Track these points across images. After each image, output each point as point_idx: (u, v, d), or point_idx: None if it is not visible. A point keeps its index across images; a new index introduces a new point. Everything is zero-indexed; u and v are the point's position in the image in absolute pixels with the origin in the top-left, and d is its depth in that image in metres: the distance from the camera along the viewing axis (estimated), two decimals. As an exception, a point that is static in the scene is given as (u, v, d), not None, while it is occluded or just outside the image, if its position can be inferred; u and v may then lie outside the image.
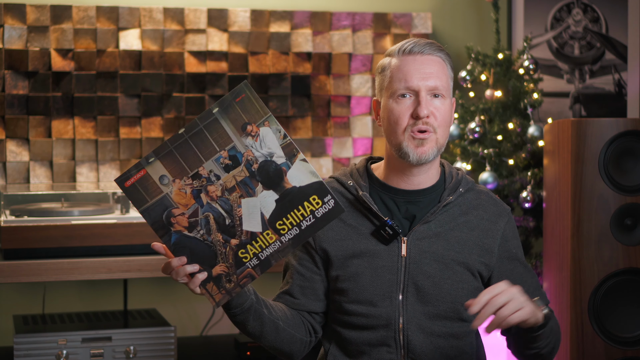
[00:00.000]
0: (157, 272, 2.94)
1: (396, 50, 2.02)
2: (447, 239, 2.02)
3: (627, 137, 2.85)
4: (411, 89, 1.97)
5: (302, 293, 2.06)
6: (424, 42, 2.01)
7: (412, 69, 1.98)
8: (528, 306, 1.83)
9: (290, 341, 2.02)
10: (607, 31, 3.73)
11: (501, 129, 3.46)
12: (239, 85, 1.79)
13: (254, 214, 1.81)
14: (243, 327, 1.97)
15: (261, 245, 1.81)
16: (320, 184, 1.81)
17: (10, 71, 3.38)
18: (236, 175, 1.80)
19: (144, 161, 1.77)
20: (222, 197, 1.80)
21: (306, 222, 1.82)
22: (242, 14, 3.59)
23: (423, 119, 1.96)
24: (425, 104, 1.96)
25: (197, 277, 1.80)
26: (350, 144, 3.71)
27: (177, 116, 3.54)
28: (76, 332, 2.96)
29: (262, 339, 2.00)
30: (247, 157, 1.80)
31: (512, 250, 2.08)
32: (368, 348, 2.02)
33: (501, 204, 2.11)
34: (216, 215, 1.80)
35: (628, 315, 2.86)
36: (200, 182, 1.79)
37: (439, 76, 1.99)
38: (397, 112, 1.98)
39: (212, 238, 1.80)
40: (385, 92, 2.02)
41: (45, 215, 2.94)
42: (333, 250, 2.03)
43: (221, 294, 1.82)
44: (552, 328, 2.00)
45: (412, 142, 1.97)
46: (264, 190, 1.81)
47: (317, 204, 1.82)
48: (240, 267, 1.81)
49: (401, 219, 2.03)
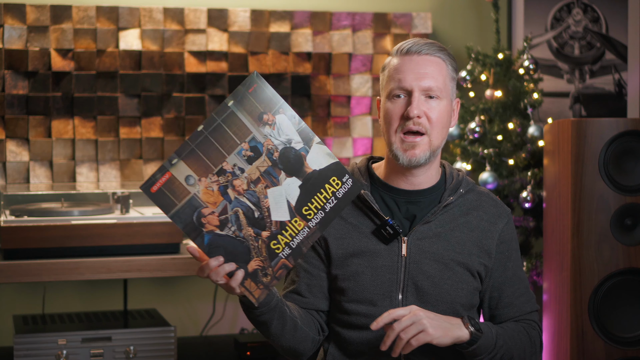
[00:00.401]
0: (157, 272, 2.94)
1: (395, 50, 2.02)
2: (447, 239, 2.02)
3: (627, 137, 2.85)
4: (405, 89, 1.97)
5: (310, 291, 2.06)
6: (423, 42, 2.00)
7: (407, 68, 1.97)
8: (433, 328, 1.85)
9: (305, 340, 2.02)
10: (607, 31, 3.73)
11: (501, 129, 3.46)
12: (250, 76, 1.78)
13: (280, 202, 1.79)
14: (266, 328, 1.94)
15: (291, 234, 1.80)
16: (338, 164, 1.82)
17: (10, 71, 3.38)
18: (259, 166, 1.78)
19: (167, 164, 1.73)
20: (248, 190, 1.77)
21: (329, 204, 1.82)
22: (242, 14, 3.59)
23: (413, 119, 1.95)
24: (416, 104, 1.95)
25: (236, 275, 1.77)
26: (350, 144, 3.71)
27: (177, 116, 3.54)
28: (76, 332, 2.96)
29: (281, 339, 1.97)
30: (267, 146, 1.79)
31: (506, 252, 2.07)
32: (367, 347, 2.02)
33: (501, 205, 2.11)
34: (245, 210, 1.77)
35: (628, 315, 2.86)
36: (226, 178, 1.76)
37: (434, 77, 1.97)
38: (390, 111, 1.99)
39: (243, 233, 1.77)
40: (383, 91, 2.02)
41: (45, 215, 2.94)
42: (334, 248, 2.03)
43: (260, 290, 1.79)
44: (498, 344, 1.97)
45: (401, 145, 1.98)
46: (287, 177, 1.80)
47: (337, 185, 1.83)
48: (274, 258, 1.80)
49: (402, 218, 2.03)
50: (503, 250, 2.07)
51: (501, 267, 2.07)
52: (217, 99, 3.56)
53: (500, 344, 1.97)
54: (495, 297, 2.07)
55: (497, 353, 1.97)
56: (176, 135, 3.53)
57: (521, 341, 2.04)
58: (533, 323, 2.09)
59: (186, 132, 3.54)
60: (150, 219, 2.98)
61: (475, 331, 1.92)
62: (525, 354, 2.04)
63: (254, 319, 1.93)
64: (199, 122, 3.55)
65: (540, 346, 2.10)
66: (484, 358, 1.96)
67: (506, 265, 2.07)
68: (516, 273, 2.09)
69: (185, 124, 3.54)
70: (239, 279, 1.77)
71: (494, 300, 2.08)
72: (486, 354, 1.95)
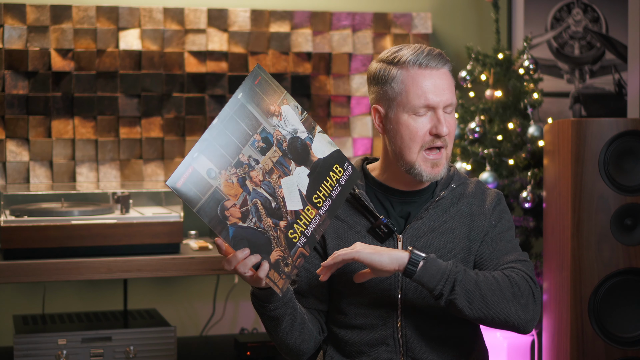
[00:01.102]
0: (157, 272, 2.94)
1: (408, 62, 1.96)
2: (441, 231, 2.02)
3: (627, 137, 2.85)
4: (430, 106, 1.95)
5: (311, 291, 2.06)
6: (434, 54, 1.97)
7: (429, 84, 1.95)
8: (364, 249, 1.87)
9: (310, 338, 2.02)
10: (607, 31, 3.73)
11: (501, 129, 3.46)
12: (254, 69, 1.80)
13: (293, 192, 1.81)
14: (278, 323, 1.93)
15: (305, 222, 1.82)
16: (338, 152, 1.86)
17: (10, 71, 3.38)
18: (271, 157, 1.80)
19: (189, 158, 1.72)
20: (264, 180, 1.79)
21: (335, 192, 1.86)
22: (242, 14, 3.59)
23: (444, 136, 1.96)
24: (444, 122, 1.95)
25: (263, 266, 1.76)
26: (350, 144, 3.71)
27: (177, 116, 3.54)
28: (76, 332, 2.96)
29: (289, 335, 1.97)
30: (277, 136, 1.81)
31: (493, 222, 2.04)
32: (366, 347, 2.02)
33: (490, 189, 2.10)
34: (263, 200, 1.78)
35: (628, 315, 2.86)
36: (243, 169, 1.77)
37: (451, 90, 1.98)
38: (414, 128, 1.96)
39: (263, 224, 1.78)
40: (398, 105, 1.97)
41: (45, 215, 2.94)
42: (331, 248, 2.03)
43: (282, 279, 1.79)
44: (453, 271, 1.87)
45: (425, 163, 1.97)
46: (296, 167, 1.82)
47: (339, 172, 1.87)
48: (293, 248, 1.81)
49: (397, 217, 2.04)
50: (491, 221, 2.04)
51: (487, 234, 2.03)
52: (217, 99, 3.56)
53: (457, 270, 1.87)
54: (477, 261, 2.03)
55: (456, 281, 1.87)
56: (176, 135, 3.53)
57: (494, 278, 1.91)
58: (515, 269, 1.95)
59: (186, 132, 3.54)
60: (150, 219, 2.98)
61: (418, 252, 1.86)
62: (504, 293, 1.90)
63: (267, 314, 1.91)
64: (199, 122, 3.55)
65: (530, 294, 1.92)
66: (438, 287, 1.87)
67: (490, 231, 2.04)
68: (500, 235, 2.03)
69: (185, 124, 3.54)
70: (266, 270, 1.76)
71: (477, 264, 2.03)
72: (439, 281, 1.86)
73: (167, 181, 1.70)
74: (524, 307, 1.92)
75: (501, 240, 2.03)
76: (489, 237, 2.04)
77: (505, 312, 1.90)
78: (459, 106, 3.55)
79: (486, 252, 2.03)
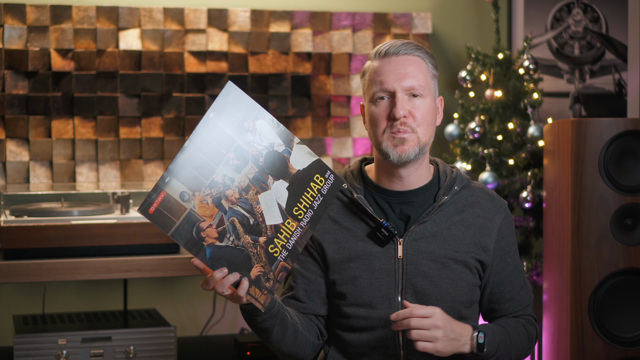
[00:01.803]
0: (157, 272, 2.94)
1: (373, 54, 2.02)
2: (443, 238, 2.02)
3: (627, 137, 2.85)
4: (387, 90, 1.97)
5: (308, 297, 2.06)
6: (400, 42, 2.00)
7: (387, 70, 1.98)
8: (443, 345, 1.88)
9: (306, 345, 2.02)
10: (607, 31, 3.73)
11: (501, 129, 3.46)
12: (226, 87, 1.80)
13: (272, 207, 1.81)
14: (268, 334, 1.94)
15: (286, 236, 1.82)
16: (319, 162, 1.86)
17: (10, 71, 3.38)
18: (247, 174, 1.80)
19: (161, 183, 1.73)
20: (240, 198, 1.79)
21: (317, 202, 1.85)
22: (242, 14, 3.59)
23: (400, 119, 1.96)
24: (401, 105, 1.96)
25: (242, 284, 1.77)
26: (350, 144, 3.71)
27: (177, 116, 3.54)
28: (76, 332, 2.95)
29: (282, 345, 1.97)
30: (252, 152, 1.80)
31: (505, 247, 2.08)
32: (368, 350, 2.02)
33: (497, 199, 2.10)
34: (240, 218, 1.78)
35: (628, 315, 2.86)
36: (218, 189, 1.77)
37: (415, 75, 1.98)
38: (375, 114, 1.99)
39: (242, 242, 1.78)
40: (366, 96, 2.03)
41: (45, 215, 2.94)
42: (330, 253, 2.03)
43: (264, 295, 1.81)
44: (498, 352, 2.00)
45: (391, 141, 1.98)
46: (274, 181, 1.82)
47: (320, 182, 1.86)
48: (274, 262, 1.81)
49: (396, 220, 2.03)
50: (503, 246, 2.07)
51: (502, 262, 2.07)
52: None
53: (500, 352, 2.00)
54: (496, 293, 2.08)
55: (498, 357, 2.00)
56: (176, 135, 3.53)
57: (521, 341, 2.07)
58: (530, 318, 2.13)
59: (186, 132, 3.54)
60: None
61: (478, 351, 1.94)
62: (523, 351, 2.09)
63: (256, 327, 1.92)
64: (199, 122, 3.55)
65: (535, 339, 2.14)
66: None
67: (506, 261, 2.07)
68: (516, 267, 2.10)
69: (185, 124, 3.54)
70: (245, 287, 1.78)
71: (494, 295, 2.08)
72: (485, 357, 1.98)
73: (138, 208, 1.71)
74: (527, 352, 2.13)
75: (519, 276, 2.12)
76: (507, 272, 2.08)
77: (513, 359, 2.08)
78: (459, 106, 3.55)
79: (507, 291, 2.09)
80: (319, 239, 2.03)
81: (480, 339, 1.93)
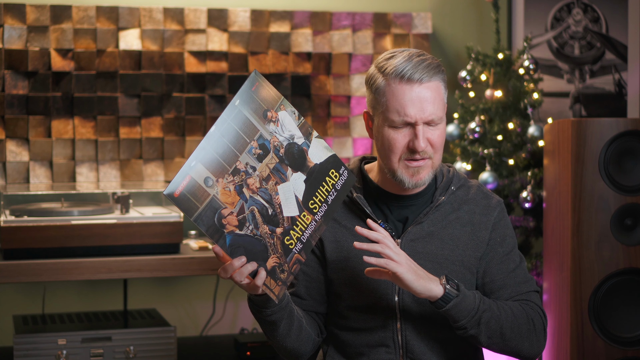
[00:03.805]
0: (157, 272, 2.94)
1: (392, 73, 1.92)
2: (440, 237, 2.02)
3: (627, 137, 2.85)
4: (408, 122, 1.93)
5: (309, 294, 2.06)
6: (419, 63, 1.92)
7: (408, 100, 1.91)
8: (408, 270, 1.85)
9: (308, 341, 2.02)
10: (607, 31, 3.73)
11: (501, 129, 3.46)
12: (251, 75, 1.80)
13: (290, 198, 1.81)
14: (275, 327, 1.93)
15: (301, 228, 1.82)
16: (334, 157, 1.86)
17: (10, 71, 3.38)
18: (268, 164, 1.80)
19: (186, 167, 1.72)
20: (261, 187, 1.78)
21: (331, 197, 1.85)
22: (242, 14, 3.59)
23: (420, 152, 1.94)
24: (422, 138, 1.92)
25: (260, 274, 1.76)
26: (350, 144, 3.71)
27: (177, 116, 3.54)
28: (76, 332, 2.96)
29: (287, 339, 1.97)
30: (274, 143, 1.80)
31: (497, 238, 2.05)
32: (367, 349, 2.02)
33: (492, 196, 2.09)
34: (260, 207, 1.78)
35: (628, 315, 2.86)
36: (240, 177, 1.76)
37: (435, 104, 1.93)
38: (392, 140, 1.95)
39: (260, 231, 1.77)
40: (380, 115, 1.96)
41: (45, 215, 2.94)
42: (329, 252, 2.03)
43: (279, 286, 1.80)
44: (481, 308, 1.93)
45: (406, 170, 1.96)
46: (293, 173, 1.82)
47: (335, 177, 1.86)
48: (289, 254, 1.80)
49: (394, 221, 2.04)
50: (494, 237, 2.05)
51: (492, 252, 2.04)
52: (217, 99, 3.56)
53: (484, 308, 1.93)
54: (488, 283, 2.04)
55: (481, 319, 1.92)
56: (176, 135, 3.53)
57: (514, 315, 1.98)
58: (531, 303, 2.03)
59: (186, 132, 3.54)
60: (150, 219, 2.98)
61: (451, 289, 1.89)
62: (521, 331, 1.98)
63: (264, 319, 1.92)
64: (199, 122, 3.55)
65: (542, 329, 2.02)
66: (464, 322, 1.91)
67: (496, 250, 2.05)
68: (508, 256, 2.06)
69: (185, 124, 3.54)
70: (263, 277, 1.76)
71: (487, 285, 2.04)
72: (465, 317, 1.91)
73: (164, 191, 1.70)
74: (535, 343, 2.00)
75: (509, 263, 2.05)
76: (496, 259, 2.04)
77: (518, 347, 1.99)
78: (459, 106, 3.55)
79: (498, 278, 2.03)
80: (321, 237, 2.04)
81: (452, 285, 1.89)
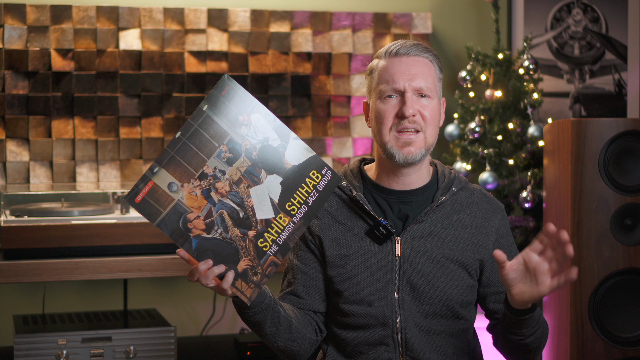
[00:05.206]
0: (157, 272, 2.94)
1: (383, 53, 2.04)
2: (440, 237, 2.03)
3: (627, 137, 2.85)
4: (397, 89, 1.99)
5: (307, 292, 2.07)
6: (410, 43, 2.03)
7: (397, 70, 2.00)
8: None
9: (301, 340, 2.02)
10: (607, 31, 3.73)
11: (501, 129, 3.46)
12: (221, 80, 1.81)
13: (264, 201, 1.82)
14: (260, 328, 1.95)
15: (277, 231, 1.83)
16: (316, 158, 1.85)
17: (10, 71, 3.39)
18: (239, 167, 1.80)
19: (148, 173, 1.75)
20: (231, 191, 1.80)
21: (312, 198, 1.85)
22: (242, 14, 3.59)
23: (409, 117, 1.97)
24: (410, 103, 1.98)
25: (227, 277, 1.78)
26: (350, 144, 3.71)
27: (177, 116, 3.54)
28: (76, 332, 2.96)
29: (277, 339, 1.98)
30: (245, 146, 1.81)
31: (506, 247, 2.08)
32: (366, 347, 2.02)
33: (494, 201, 2.11)
34: (230, 211, 1.79)
35: (628, 315, 2.86)
36: (208, 181, 1.78)
37: (424, 77, 2.00)
38: (382, 111, 2.00)
39: (230, 235, 1.79)
40: (373, 93, 2.03)
41: (45, 215, 2.94)
42: (329, 250, 2.04)
43: (251, 289, 1.82)
44: (540, 318, 1.98)
45: (397, 142, 1.99)
46: (267, 175, 1.82)
47: (317, 178, 1.85)
48: (263, 257, 1.82)
49: (394, 218, 2.04)
50: (503, 245, 2.07)
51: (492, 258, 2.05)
52: (217, 99, 3.56)
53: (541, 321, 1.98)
54: (502, 292, 2.07)
55: (537, 331, 1.97)
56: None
57: (545, 328, 2.04)
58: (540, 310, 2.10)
59: (186, 132, 3.54)
60: (150, 219, 2.98)
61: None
62: (542, 344, 2.05)
63: (248, 320, 1.93)
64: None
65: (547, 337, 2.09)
66: (528, 332, 1.95)
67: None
68: None
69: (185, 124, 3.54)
70: (229, 280, 1.79)
71: (501, 295, 2.07)
72: (531, 327, 1.95)
73: (125, 196, 1.73)
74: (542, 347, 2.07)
75: None
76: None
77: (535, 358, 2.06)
78: (459, 106, 3.55)
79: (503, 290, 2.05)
80: (320, 234, 2.04)
81: None
